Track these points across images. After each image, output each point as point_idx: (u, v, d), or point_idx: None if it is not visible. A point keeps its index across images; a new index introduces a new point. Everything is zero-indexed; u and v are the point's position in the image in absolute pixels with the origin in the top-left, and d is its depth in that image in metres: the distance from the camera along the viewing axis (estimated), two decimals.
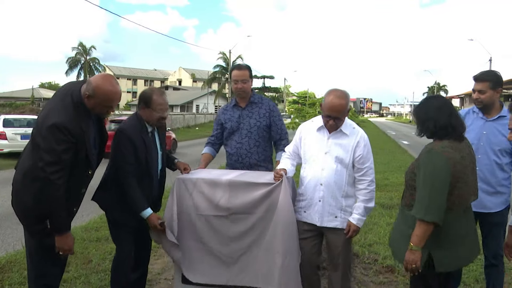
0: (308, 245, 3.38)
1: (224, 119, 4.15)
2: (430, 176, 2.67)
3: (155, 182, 3.51)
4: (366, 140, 3.31)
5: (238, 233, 3.34)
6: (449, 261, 2.77)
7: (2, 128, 14.90)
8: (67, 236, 2.94)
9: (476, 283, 4.42)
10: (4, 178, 10.29)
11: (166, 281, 4.43)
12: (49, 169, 2.75)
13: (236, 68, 4.11)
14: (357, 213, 3.25)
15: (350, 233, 3.25)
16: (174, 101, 58.64)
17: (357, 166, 3.25)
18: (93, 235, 5.83)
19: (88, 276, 4.46)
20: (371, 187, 3.28)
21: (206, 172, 3.69)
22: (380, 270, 4.78)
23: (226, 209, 3.34)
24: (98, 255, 5.04)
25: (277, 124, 4.13)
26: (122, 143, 3.27)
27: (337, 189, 3.25)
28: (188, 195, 3.42)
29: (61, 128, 2.77)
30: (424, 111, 2.86)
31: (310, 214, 3.34)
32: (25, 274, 4.38)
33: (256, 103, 4.14)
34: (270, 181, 3.29)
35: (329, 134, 3.30)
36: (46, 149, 2.78)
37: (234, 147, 4.08)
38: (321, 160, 3.28)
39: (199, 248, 3.42)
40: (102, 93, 2.90)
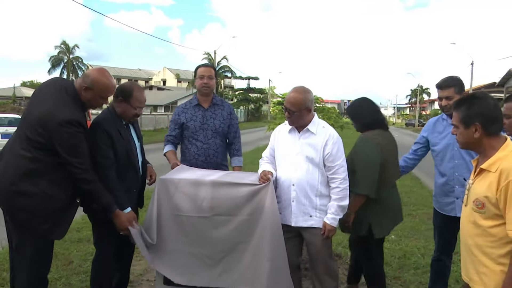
0: (287, 246, 3.35)
1: (185, 118, 4.15)
2: (364, 159, 3.46)
3: (138, 175, 3.49)
4: (336, 138, 3.32)
5: (221, 235, 3.30)
6: (384, 227, 3.69)
7: None
8: (117, 215, 3.16)
9: (456, 283, 4.47)
10: None
11: (148, 282, 4.40)
12: (80, 171, 2.97)
13: (202, 66, 4.23)
14: (330, 213, 3.27)
15: (326, 233, 3.28)
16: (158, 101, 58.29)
17: (327, 164, 3.27)
18: (74, 235, 5.76)
19: (69, 277, 4.41)
20: (343, 185, 3.27)
21: (190, 172, 3.66)
22: None
23: (209, 210, 3.31)
24: (79, 256, 4.99)
25: (234, 127, 4.29)
26: (98, 136, 3.24)
27: (310, 188, 3.28)
28: (170, 195, 3.38)
29: (72, 122, 2.93)
30: (359, 111, 3.77)
31: (285, 215, 3.35)
32: (4, 275, 4.32)
33: (219, 105, 4.24)
34: (255, 182, 3.28)
35: (299, 134, 3.34)
36: (66, 148, 2.92)
37: (201, 147, 4.10)
38: (293, 160, 3.32)
39: (179, 249, 3.38)
40: (100, 85, 3.10)
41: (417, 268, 4.92)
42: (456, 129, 2.43)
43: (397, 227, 6.62)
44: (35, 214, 2.94)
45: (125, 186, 3.35)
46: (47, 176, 2.95)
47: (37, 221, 2.95)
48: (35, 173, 2.93)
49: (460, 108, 2.39)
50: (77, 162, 2.96)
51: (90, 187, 3.04)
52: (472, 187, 2.34)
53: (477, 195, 2.27)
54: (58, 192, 2.98)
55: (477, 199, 2.26)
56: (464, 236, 2.41)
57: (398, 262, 5.10)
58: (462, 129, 2.38)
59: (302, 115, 3.29)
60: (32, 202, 2.92)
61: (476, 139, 2.33)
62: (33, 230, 2.97)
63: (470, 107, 2.34)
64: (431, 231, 6.50)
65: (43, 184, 2.93)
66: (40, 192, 2.92)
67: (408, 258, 5.25)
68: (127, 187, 3.37)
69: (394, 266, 4.97)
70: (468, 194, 2.38)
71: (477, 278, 2.29)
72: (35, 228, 2.97)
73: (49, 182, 2.95)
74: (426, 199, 9.12)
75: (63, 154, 2.93)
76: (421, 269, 4.89)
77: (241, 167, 4.31)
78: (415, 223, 7.04)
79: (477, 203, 2.26)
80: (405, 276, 4.69)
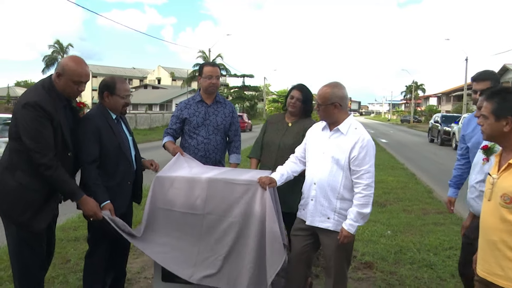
0: (299, 243, 3.34)
1: (188, 113, 4.19)
2: None
3: (132, 167, 3.52)
4: (366, 142, 3.14)
5: (211, 234, 3.30)
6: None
7: None
8: (86, 201, 3.13)
9: (452, 277, 4.51)
10: None
11: (146, 280, 4.40)
12: (39, 156, 2.91)
13: (210, 65, 4.26)
14: (349, 218, 3.08)
15: (341, 239, 3.09)
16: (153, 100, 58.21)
17: (353, 168, 3.11)
18: (71, 234, 5.76)
19: (66, 275, 4.42)
20: (367, 192, 3.08)
21: (186, 169, 3.67)
22: (358, 266, 4.85)
23: (202, 208, 3.32)
24: (76, 254, 4.99)
25: (235, 125, 4.35)
26: (85, 131, 3.29)
27: (331, 190, 3.16)
28: (165, 191, 3.40)
29: (34, 105, 2.93)
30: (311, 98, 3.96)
31: (305, 212, 3.30)
32: (1, 274, 4.32)
33: (221, 102, 4.29)
34: (251, 181, 3.27)
35: (330, 133, 3.25)
36: (26, 132, 2.92)
37: (202, 142, 4.13)
38: (318, 159, 3.24)
39: (169, 243, 3.36)
40: (70, 69, 3.09)
41: (413, 263, 4.95)
42: (484, 120, 2.37)
43: (392, 222, 6.72)
44: (13, 205, 3.00)
45: (117, 178, 3.40)
46: (21, 166, 3.00)
47: (16, 212, 3.01)
48: (13, 164, 3.02)
49: (493, 99, 2.34)
50: (36, 147, 2.91)
51: (50, 173, 2.95)
52: (497, 182, 2.29)
53: (505, 190, 2.22)
54: (33, 183, 3.00)
55: (505, 194, 2.21)
56: (487, 231, 2.34)
57: (394, 257, 5.13)
58: (491, 121, 2.33)
59: (328, 110, 3.19)
60: (10, 193, 3.00)
61: (504, 133, 2.30)
62: (14, 221, 3.04)
63: (505, 100, 2.30)
64: (427, 226, 6.59)
65: (18, 175, 2.99)
66: (16, 183, 2.98)
67: (404, 253, 5.28)
68: (120, 179, 3.41)
69: (390, 261, 5.00)
70: (492, 189, 2.32)
71: (502, 273, 2.24)
72: (16, 220, 3.03)
73: (24, 173, 2.99)
74: (421, 194, 9.16)
75: (23, 138, 2.93)
76: (417, 264, 4.92)
77: (238, 164, 4.35)
78: (411, 218, 7.08)
79: (505, 198, 2.21)
80: (401, 271, 4.71)
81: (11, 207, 3.01)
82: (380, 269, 4.76)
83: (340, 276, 3.27)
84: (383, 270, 4.74)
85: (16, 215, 3.01)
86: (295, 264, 3.38)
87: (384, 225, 6.52)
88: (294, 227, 3.45)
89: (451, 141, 21.87)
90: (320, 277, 4.42)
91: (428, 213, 7.50)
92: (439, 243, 5.67)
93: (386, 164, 13.87)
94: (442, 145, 23.14)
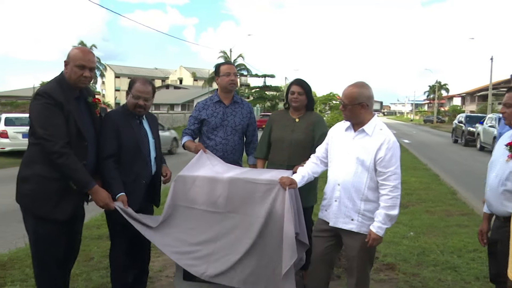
0: (321, 244, 3.32)
1: (206, 114, 4.20)
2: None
3: (149, 168, 3.57)
4: (392, 143, 3.09)
5: (230, 232, 3.30)
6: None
7: (3, 127, 14.95)
8: (97, 191, 3.17)
9: (476, 280, 4.44)
10: (6, 176, 10.30)
11: (167, 278, 4.44)
12: (50, 144, 2.98)
13: (226, 63, 4.31)
14: (377, 221, 3.04)
15: (370, 241, 3.05)
16: (175, 100, 58.68)
17: (379, 169, 3.06)
18: (94, 232, 5.85)
19: (89, 273, 4.49)
20: (394, 194, 3.04)
21: (209, 167, 3.68)
22: (380, 267, 4.80)
23: (223, 206, 3.33)
24: (100, 252, 5.07)
25: (253, 125, 4.37)
26: (105, 128, 3.40)
27: (355, 191, 3.12)
28: (187, 189, 3.44)
29: (43, 94, 3.05)
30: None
31: (328, 213, 3.27)
32: (26, 271, 4.42)
33: (239, 103, 4.31)
34: (273, 181, 3.27)
35: (354, 134, 3.20)
36: (37, 120, 3.03)
37: (220, 143, 4.15)
38: (343, 160, 3.20)
39: (183, 239, 3.37)
40: (74, 55, 3.19)
41: (436, 265, 4.89)
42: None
43: (415, 223, 6.64)
44: (35, 197, 3.09)
45: (132, 175, 3.46)
46: (39, 158, 3.08)
47: (38, 203, 3.10)
48: (31, 158, 3.13)
49: None
50: (47, 134, 2.98)
51: (62, 161, 3.00)
52: None
53: None
54: (52, 173, 3.07)
55: None
56: None
57: (417, 259, 5.07)
58: None
59: (354, 110, 3.14)
60: (30, 186, 3.10)
61: None
62: (36, 213, 3.13)
63: None
64: (450, 228, 6.50)
65: (37, 167, 3.08)
66: (35, 175, 3.08)
67: (427, 255, 5.22)
68: (134, 176, 3.48)
69: (412, 262, 4.95)
70: None
71: None
72: (37, 211, 3.12)
73: (42, 165, 3.07)
74: (445, 195, 9.04)
75: (35, 127, 3.04)
76: (440, 266, 4.85)
77: (256, 165, 4.33)
78: (434, 219, 6.99)
79: None
80: (423, 273, 4.66)
81: (32, 199, 3.10)
82: (402, 270, 4.71)
83: (363, 277, 3.24)
84: (405, 272, 4.69)
85: (38, 206, 3.10)
86: (317, 265, 3.37)
87: (407, 226, 6.45)
88: (316, 228, 3.43)
89: (475, 142, 21.50)
90: (342, 277, 4.39)
91: (451, 215, 7.39)
92: (463, 245, 5.59)
93: (408, 164, 13.72)
94: (466, 145, 22.76)
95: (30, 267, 4.45)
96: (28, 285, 4.13)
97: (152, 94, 3.60)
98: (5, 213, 7.16)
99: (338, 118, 15.28)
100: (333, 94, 21.48)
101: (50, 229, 3.15)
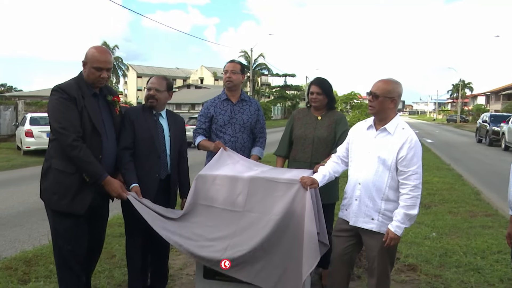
0: (341, 244, 3.31)
1: (215, 112, 4.24)
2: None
3: (163, 163, 3.65)
4: (414, 143, 3.07)
5: (246, 230, 3.28)
6: None
7: (29, 126, 15.26)
8: (109, 182, 3.23)
9: (500, 282, 4.36)
10: (31, 175, 10.52)
11: (188, 277, 4.47)
12: (64, 138, 3.08)
13: (228, 62, 4.34)
14: (396, 220, 3.02)
15: (388, 241, 3.03)
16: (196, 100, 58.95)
17: (400, 168, 3.04)
18: (116, 230, 5.92)
19: (111, 270, 4.55)
20: (414, 193, 3.01)
21: (230, 166, 3.69)
22: (401, 268, 4.75)
23: (243, 205, 3.34)
24: (121, 250, 5.11)
25: (261, 122, 4.39)
26: (123, 122, 3.56)
27: (376, 190, 3.11)
28: (207, 188, 3.46)
29: (57, 89, 3.16)
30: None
31: (349, 212, 3.26)
32: (50, 268, 4.49)
33: (246, 100, 4.34)
34: (294, 180, 3.26)
35: (376, 133, 3.18)
36: (51, 114, 3.15)
37: (229, 141, 4.16)
38: (363, 159, 3.18)
39: (198, 233, 3.34)
40: (90, 54, 3.27)
41: (459, 267, 4.81)
42: None
43: (437, 224, 6.56)
44: (53, 191, 3.21)
45: (145, 168, 3.57)
46: (57, 153, 3.19)
47: (56, 197, 3.20)
48: (50, 153, 3.25)
49: None
50: (60, 127, 3.09)
51: (75, 153, 3.08)
52: None
53: None
54: (69, 167, 3.16)
55: None
56: None
57: (439, 260, 5.00)
58: None
59: (384, 103, 3.11)
60: (50, 180, 3.22)
61: None
62: (54, 207, 3.24)
63: None
64: (474, 229, 6.39)
65: (55, 162, 3.20)
66: (53, 169, 3.20)
67: (450, 256, 5.14)
68: (148, 169, 3.58)
69: (434, 264, 4.88)
70: None
71: None
72: (56, 205, 3.22)
73: (59, 159, 3.18)
74: (468, 196, 8.88)
75: (50, 121, 3.17)
76: (463, 268, 4.78)
77: (259, 158, 4.32)
78: (457, 220, 6.88)
79: None
80: (446, 274, 4.59)
81: (52, 192, 3.21)
82: (424, 272, 4.64)
83: (383, 277, 3.22)
84: (427, 273, 4.63)
85: (56, 200, 3.20)
86: (337, 265, 3.36)
87: (429, 227, 6.37)
88: (336, 228, 3.42)
89: (500, 142, 21.06)
90: (362, 278, 4.36)
91: (475, 216, 7.26)
92: (487, 246, 5.48)
93: (431, 164, 13.53)
94: (490, 145, 22.31)
95: (54, 264, 4.53)
96: (52, 282, 4.20)
97: (166, 87, 3.71)
98: (31, 211, 7.32)
99: (359, 118, 15.15)
100: (354, 93, 21.32)
101: (69, 224, 3.23)
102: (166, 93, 3.71)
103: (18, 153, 16.37)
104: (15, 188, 9.46)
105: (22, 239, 5.92)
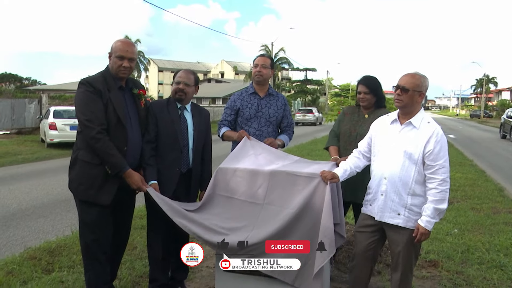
0: (364, 239, 3.30)
1: (241, 105, 4.25)
2: None
3: (185, 157, 3.68)
4: (440, 136, 3.05)
5: (265, 223, 3.27)
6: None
7: (52, 119, 15.50)
8: (130, 175, 3.29)
9: None
10: (55, 167, 10.67)
11: (208, 269, 4.51)
12: (89, 130, 3.17)
13: (259, 56, 4.34)
14: (425, 215, 2.99)
15: (418, 236, 3.01)
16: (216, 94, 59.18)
17: (427, 163, 3.01)
18: (138, 223, 5.97)
19: (133, 262, 4.61)
20: (443, 187, 2.99)
21: (252, 157, 3.68)
22: (423, 264, 4.71)
23: (263, 197, 3.34)
24: (143, 242, 5.16)
25: (288, 117, 4.44)
26: (148, 115, 3.61)
27: (402, 185, 3.08)
28: (228, 179, 3.48)
29: (83, 82, 3.27)
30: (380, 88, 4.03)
31: (373, 207, 3.24)
32: (73, 258, 4.58)
33: (274, 95, 4.35)
34: (314, 174, 3.23)
35: (401, 127, 3.16)
36: (77, 106, 3.26)
37: (254, 134, 4.15)
38: (389, 153, 3.16)
39: (217, 223, 3.35)
40: (114, 45, 3.38)
41: (481, 263, 4.74)
42: None
43: (459, 220, 6.47)
44: (80, 181, 3.32)
45: (166, 162, 3.61)
46: (83, 144, 3.29)
47: (83, 188, 3.31)
48: (78, 145, 3.36)
49: None
50: (84, 119, 3.19)
51: (99, 145, 3.18)
52: None
53: None
54: (94, 158, 3.24)
55: None
56: None
57: (461, 256, 4.94)
58: None
59: (413, 97, 3.08)
60: (77, 171, 3.33)
61: None
62: (81, 197, 3.35)
63: None
64: (497, 225, 6.29)
65: (82, 154, 3.30)
66: (80, 161, 3.31)
67: (472, 252, 5.07)
68: (169, 163, 3.62)
69: (456, 260, 4.82)
70: None
71: None
72: (83, 195, 3.33)
73: (85, 151, 3.27)
74: (492, 192, 8.74)
75: (76, 113, 3.27)
76: (486, 264, 4.71)
77: (284, 144, 4.31)
78: (479, 217, 6.78)
79: None
80: (468, 271, 4.53)
81: (79, 183, 3.32)
82: (445, 268, 4.60)
83: (407, 272, 3.20)
84: (449, 269, 4.58)
85: (83, 190, 3.30)
86: (361, 261, 3.34)
87: (451, 223, 6.29)
88: (359, 223, 3.40)
89: None
90: (383, 273, 4.34)
91: (498, 212, 7.15)
92: (510, 243, 5.40)
93: (454, 160, 13.32)
94: None
95: (77, 254, 4.63)
96: (75, 272, 4.28)
97: (194, 82, 3.77)
98: (55, 202, 7.45)
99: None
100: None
101: (95, 214, 3.32)
102: (193, 88, 3.78)
103: (42, 146, 16.63)
104: (39, 180, 9.63)
105: (46, 230, 6.06)
